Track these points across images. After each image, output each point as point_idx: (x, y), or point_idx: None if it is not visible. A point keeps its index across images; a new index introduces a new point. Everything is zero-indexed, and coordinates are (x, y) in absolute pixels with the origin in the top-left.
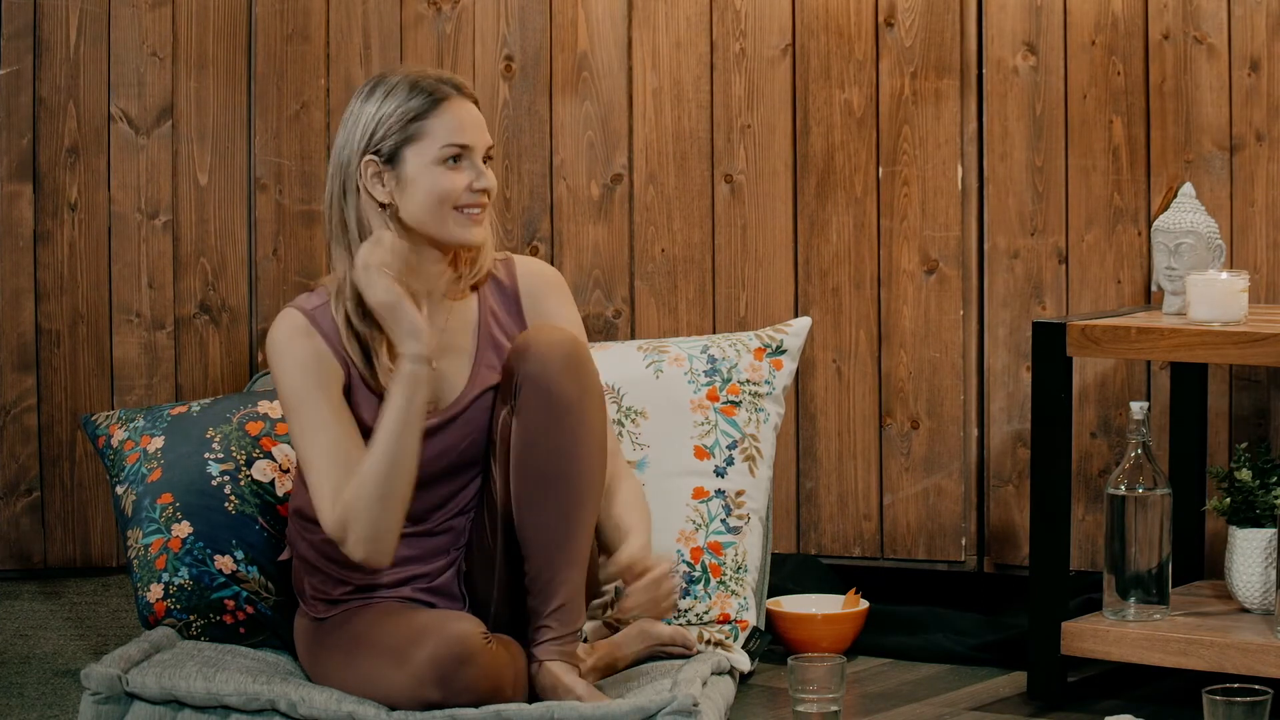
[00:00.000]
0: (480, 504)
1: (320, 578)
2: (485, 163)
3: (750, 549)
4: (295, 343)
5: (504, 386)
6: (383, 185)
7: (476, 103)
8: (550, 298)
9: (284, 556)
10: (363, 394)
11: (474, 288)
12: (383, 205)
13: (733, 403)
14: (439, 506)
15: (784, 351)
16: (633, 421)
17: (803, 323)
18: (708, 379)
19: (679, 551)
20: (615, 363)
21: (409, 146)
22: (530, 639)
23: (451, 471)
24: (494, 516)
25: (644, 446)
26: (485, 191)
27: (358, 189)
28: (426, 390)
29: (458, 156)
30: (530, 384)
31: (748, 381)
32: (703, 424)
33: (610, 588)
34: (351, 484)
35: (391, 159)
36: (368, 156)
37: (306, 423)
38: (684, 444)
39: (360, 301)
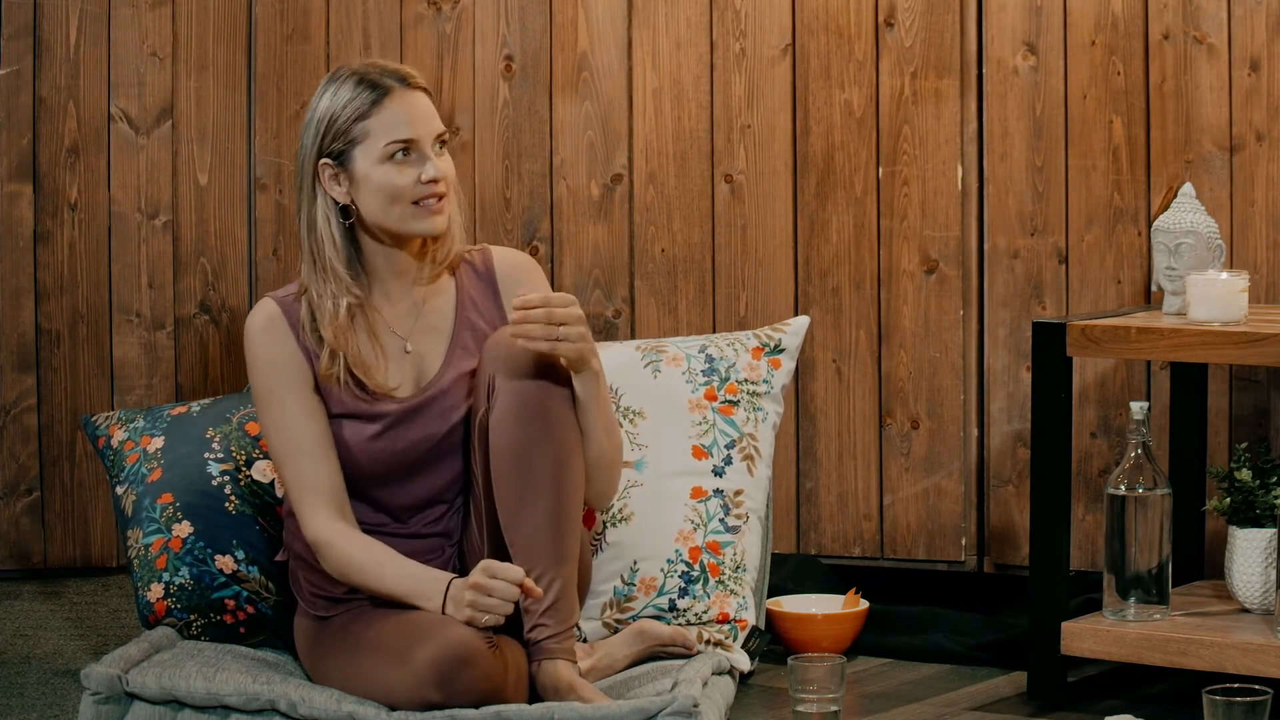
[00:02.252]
0: (466, 503)
1: (320, 576)
2: (441, 148)
3: (749, 548)
4: (265, 336)
5: (479, 386)
6: (339, 186)
7: (428, 91)
8: (526, 283)
9: (281, 557)
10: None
11: (452, 272)
12: (343, 206)
13: (731, 402)
14: (420, 507)
15: (782, 350)
16: (630, 421)
17: (800, 321)
18: (705, 378)
19: (677, 550)
20: (613, 362)
21: (356, 147)
22: (527, 638)
23: (432, 459)
24: (480, 516)
25: (642, 446)
26: (434, 181)
27: (314, 191)
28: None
29: (404, 151)
30: (503, 385)
31: (746, 381)
32: (701, 423)
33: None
34: (361, 556)
35: (342, 160)
36: (323, 160)
37: (276, 419)
38: (682, 443)
39: (312, 314)
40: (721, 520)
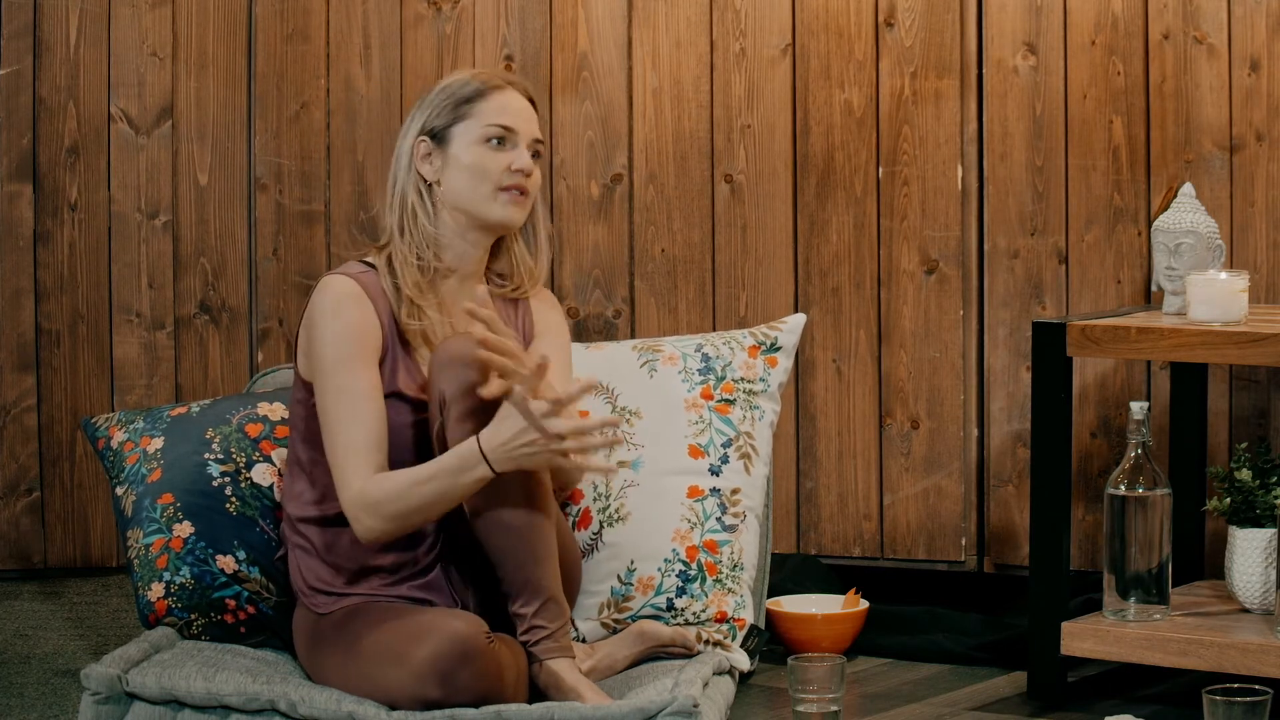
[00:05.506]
0: None
1: (321, 565)
2: (534, 158)
3: (747, 547)
4: (345, 308)
5: (430, 400)
6: (430, 164)
7: (534, 103)
8: (551, 322)
9: (281, 554)
10: (398, 361)
11: (513, 300)
12: (429, 183)
13: (727, 401)
14: None
15: (779, 349)
16: (627, 421)
17: (797, 320)
18: (702, 377)
19: (674, 550)
20: (609, 362)
21: (456, 125)
22: (523, 642)
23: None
24: (460, 518)
25: (638, 446)
26: (522, 172)
27: (407, 168)
28: (477, 482)
29: (502, 139)
30: (454, 397)
31: (742, 379)
32: (697, 422)
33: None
34: (388, 486)
35: (440, 138)
36: (421, 137)
37: (346, 383)
38: (678, 443)
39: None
40: (718, 519)
